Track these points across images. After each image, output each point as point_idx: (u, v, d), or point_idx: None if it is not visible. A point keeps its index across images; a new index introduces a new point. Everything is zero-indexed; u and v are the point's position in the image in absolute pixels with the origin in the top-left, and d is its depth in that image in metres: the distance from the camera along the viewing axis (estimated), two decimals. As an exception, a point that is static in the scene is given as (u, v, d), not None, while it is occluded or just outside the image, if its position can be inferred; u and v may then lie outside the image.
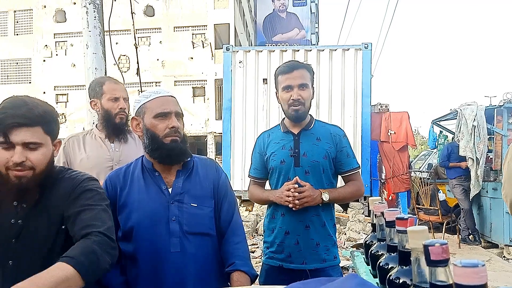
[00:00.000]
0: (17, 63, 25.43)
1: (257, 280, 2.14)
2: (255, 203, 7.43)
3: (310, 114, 2.12)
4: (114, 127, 2.30)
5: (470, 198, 6.34)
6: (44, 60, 25.05)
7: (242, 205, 7.18)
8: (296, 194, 1.91)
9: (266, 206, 2.19)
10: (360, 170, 2.14)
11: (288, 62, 2.09)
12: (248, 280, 1.55)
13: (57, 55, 25.02)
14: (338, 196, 2.03)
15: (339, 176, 2.11)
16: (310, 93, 2.04)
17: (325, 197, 1.96)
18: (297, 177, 1.95)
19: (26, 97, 1.35)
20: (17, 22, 25.52)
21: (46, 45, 25.04)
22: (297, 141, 2.04)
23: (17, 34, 25.45)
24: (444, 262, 0.70)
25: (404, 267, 0.95)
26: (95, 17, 3.47)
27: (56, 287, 1.08)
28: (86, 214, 1.31)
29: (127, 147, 2.31)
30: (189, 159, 1.66)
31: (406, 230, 0.91)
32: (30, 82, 25.29)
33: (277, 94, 2.11)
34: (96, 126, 2.41)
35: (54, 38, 24.99)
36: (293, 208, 1.93)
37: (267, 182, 2.19)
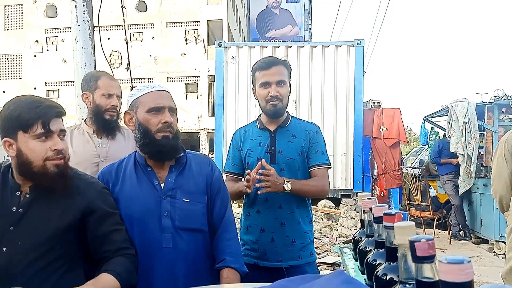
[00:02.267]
0: (7, 59, 25.14)
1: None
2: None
3: (287, 111, 2.11)
4: (103, 123, 2.25)
5: (460, 193, 6.38)
6: (35, 56, 24.80)
7: (234, 201, 7.17)
8: (259, 176, 1.87)
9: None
10: (327, 169, 2.08)
11: (265, 58, 2.09)
12: (238, 277, 1.55)
13: (48, 50, 24.77)
14: (301, 187, 1.97)
15: None
16: (287, 89, 2.04)
17: (287, 186, 1.91)
18: (263, 160, 1.91)
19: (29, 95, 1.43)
20: (8, 17, 25.21)
21: (37, 41, 24.78)
22: (273, 138, 2.04)
23: (7, 29, 25.15)
24: (430, 258, 0.69)
25: (391, 263, 0.94)
26: (84, 11, 3.42)
27: None
28: (115, 236, 1.44)
29: (115, 143, 2.27)
30: (182, 154, 1.64)
31: (393, 226, 0.90)
32: (20, 78, 25.03)
33: (254, 90, 2.10)
34: (85, 120, 2.36)
35: (45, 33, 24.73)
36: (258, 192, 1.88)
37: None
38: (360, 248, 1.24)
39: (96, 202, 1.44)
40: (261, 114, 2.12)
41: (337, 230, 6.25)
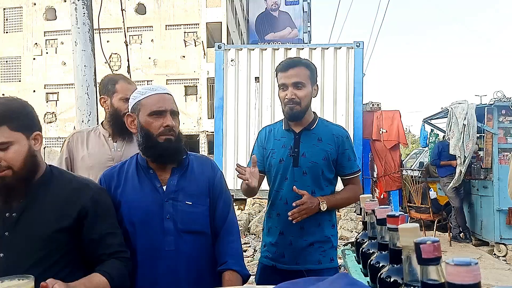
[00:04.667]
0: (6, 62, 25.14)
1: (253, 278, 2.13)
2: (247, 202, 7.42)
3: (314, 112, 2.06)
4: (121, 127, 2.25)
5: (447, 189, 6.38)
6: (34, 59, 24.81)
7: (234, 204, 7.15)
8: (295, 209, 1.87)
9: (259, 205, 2.16)
10: (360, 173, 2.10)
11: (286, 60, 2.04)
12: (240, 280, 1.54)
13: (47, 53, 24.78)
14: (336, 203, 1.99)
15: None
16: (307, 91, 1.97)
17: (323, 207, 1.91)
18: (294, 187, 1.90)
19: None
20: (7, 19, 25.23)
21: (36, 43, 24.80)
22: (297, 140, 2.00)
23: (6, 32, 25.16)
24: (435, 261, 0.68)
25: (395, 265, 0.94)
26: (84, 13, 3.43)
27: None
28: (110, 239, 1.42)
29: (130, 147, 2.26)
30: (184, 156, 1.64)
31: (397, 228, 0.89)
32: (20, 81, 25.03)
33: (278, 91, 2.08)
34: (101, 123, 2.37)
35: (44, 36, 24.76)
36: (293, 221, 1.88)
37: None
38: (363, 250, 1.24)
39: (92, 204, 1.42)
40: None
41: (338, 232, 6.24)
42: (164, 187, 1.57)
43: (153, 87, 1.62)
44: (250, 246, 5.61)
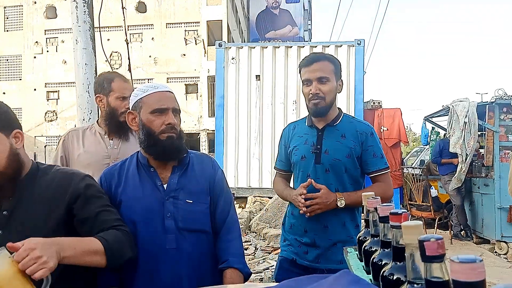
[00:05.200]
0: (7, 60, 25.15)
1: (254, 277, 2.13)
2: (248, 200, 7.42)
3: (339, 108, 2.01)
4: (117, 126, 2.25)
5: (450, 189, 6.37)
6: (35, 57, 24.82)
7: (235, 202, 7.15)
8: (307, 202, 1.83)
9: (260, 203, 2.16)
10: (389, 171, 1.99)
11: (310, 55, 1.98)
12: (241, 278, 1.54)
13: (48, 51, 24.79)
14: (356, 200, 1.86)
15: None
16: (332, 86, 1.91)
17: (340, 203, 1.85)
18: (311, 179, 1.87)
19: None
20: (7, 18, 25.22)
21: (36, 42, 24.80)
22: (320, 136, 1.95)
23: (7, 30, 25.17)
24: (439, 258, 0.68)
25: (398, 263, 0.93)
26: (84, 11, 3.42)
27: (85, 253, 1.24)
28: (105, 215, 1.40)
29: (127, 144, 2.26)
30: (185, 155, 1.64)
31: (400, 225, 0.89)
32: (20, 79, 25.04)
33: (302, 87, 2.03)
34: (97, 121, 2.36)
35: (45, 34, 24.77)
36: (306, 215, 1.85)
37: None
38: (365, 248, 1.23)
39: (80, 188, 1.41)
40: None
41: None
42: (165, 186, 1.57)
43: (155, 85, 1.62)
44: (251, 244, 5.61)
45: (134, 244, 1.43)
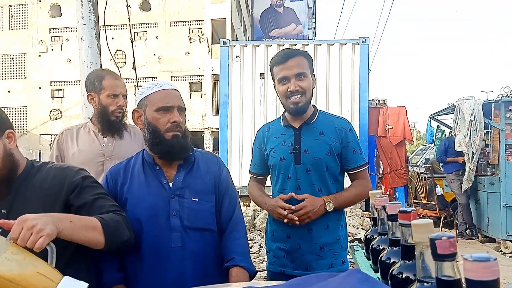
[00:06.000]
0: (12, 59, 25.25)
1: (260, 275, 2.11)
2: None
3: (313, 105, 1.94)
4: (109, 124, 2.24)
5: (462, 191, 6.34)
6: (40, 55, 24.90)
7: (240, 200, 7.14)
8: (295, 217, 1.76)
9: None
10: (367, 166, 1.95)
11: (282, 51, 1.89)
12: (247, 276, 1.53)
13: (52, 50, 24.86)
14: (344, 202, 1.86)
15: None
16: (310, 82, 1.85)
17: (329, 207, 1.79)
18: (291, 193, 1.80)
19: None
20: (12, 16, 25.31)
21: (41, 40, 24.87)
22: (298, 136, 1.88)
23: (12, 29, 25.26)
24: (451, 256, 0.67)
25: (407, 261, 0.93)
26: (89, 10, 3.43)
27: (83, 228, 1.23)
28: (102, 202, 1.39)
29: (121, 142, 2.25)
30: (190, 153, 1.63)
31: (409, 224, 0.88)
32: (25, 78, 25.14)
33: (275, 87, 1.92)
34: (91, 119, 2.36)
35: (50, 33, 24.83)
36: (296, 224, 1.78)
37: (269, 177, 2.06)
38: (373, 246, 1.23)
39: (75, 181, 1.40)
40: (285, 111, 1.95)
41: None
42: (171, 184, 1.57)
43: (160, 83, 1.62)
44: (255, 242, 5.61)
45: (131, 227, 1.42)
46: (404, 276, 0.91)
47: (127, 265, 1.55)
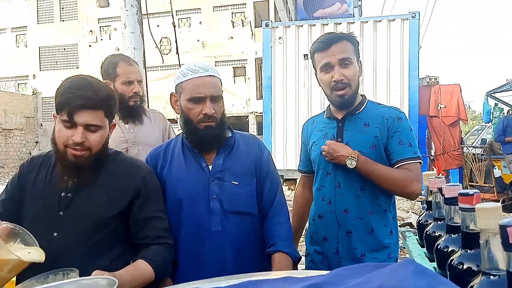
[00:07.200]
0: (64, 49, 26.35)
1: (304, 259, 2.04)
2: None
3: (362, 95, 1.77)
4: (129, 110, 2.23)
5: None
6: (90, 46, 25.81)
7: (284, 184, 7.10)
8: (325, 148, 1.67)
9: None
10: (419, 163, 1.65)
11: (324, 36, 1.71)
12: (290, 262, 1.48)
13: (102, 40, 25.69)
14: (372, 172, 1.61)
15: None
16: (356, 70, 1.67)
17: (350, 163, 1.59)
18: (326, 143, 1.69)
19: (90, 77, 1.40)
20: (63, 8, 26.34)
21: (91, 31, 25.76)
22: (340, 128, 1.72)
23: (63, 21, 26.30)
24: (526, 247, 0.57)
25: (468, 250, 0.82)
26: (131, -5, 3.45)
27: (139, 283, 1.29)
28: (157, 223, 1.42)
29: (142, 127, 2.26)
30: (230, 135, 1.59)
31: (472, 208, 0.78)
32: (77, 68, 26.18)
33: (317, 77, 1.76)
34: None
35: (99, 23, 25.63)
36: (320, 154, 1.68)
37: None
38: (428, 233, 1.12)
39: (143, 185, 1.43)
40: None
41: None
42: (210, 167, 1.54)
43: (195, 68, 1.52)
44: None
45: (173, 257, 1.46)
46: (465, 267, 0.81)
47: None
